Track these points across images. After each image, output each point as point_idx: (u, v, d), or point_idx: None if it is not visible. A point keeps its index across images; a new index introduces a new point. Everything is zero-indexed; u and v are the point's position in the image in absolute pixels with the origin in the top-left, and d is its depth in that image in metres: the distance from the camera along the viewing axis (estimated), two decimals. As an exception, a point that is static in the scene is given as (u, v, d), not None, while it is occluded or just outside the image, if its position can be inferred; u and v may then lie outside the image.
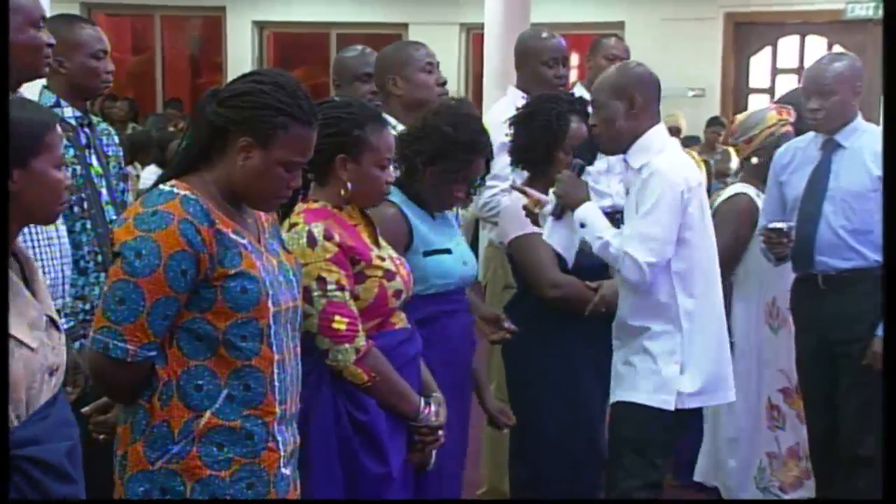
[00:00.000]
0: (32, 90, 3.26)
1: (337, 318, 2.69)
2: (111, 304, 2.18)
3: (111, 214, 3.42)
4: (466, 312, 3.34)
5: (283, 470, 2.33)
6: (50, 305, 2.17)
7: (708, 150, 9.61)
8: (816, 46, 11.01)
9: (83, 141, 3.43)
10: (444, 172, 3.21)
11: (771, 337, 4.29)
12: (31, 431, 2.00)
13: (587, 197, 3.46)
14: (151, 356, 2.22)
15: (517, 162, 3.85)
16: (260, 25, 12.86)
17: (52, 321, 2.13)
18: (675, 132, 7.86)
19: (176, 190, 2.24)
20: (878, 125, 4.22)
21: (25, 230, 2.60)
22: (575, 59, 9.00)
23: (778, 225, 3.99)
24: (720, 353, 3.47)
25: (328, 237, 2.72)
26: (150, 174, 8.17)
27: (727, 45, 11.45)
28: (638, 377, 3.38)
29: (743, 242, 4.28)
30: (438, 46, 4.53)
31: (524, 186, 3.68)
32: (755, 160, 4.38)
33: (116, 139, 3.69)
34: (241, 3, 12.62)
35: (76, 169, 3.33)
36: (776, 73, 11.53)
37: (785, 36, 11.46)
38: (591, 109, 3.59)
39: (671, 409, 3.35)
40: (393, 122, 3.42)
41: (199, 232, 2.19)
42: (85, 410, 2.49)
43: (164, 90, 13.18)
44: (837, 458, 4.06)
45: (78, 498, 2.11)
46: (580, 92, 4.40)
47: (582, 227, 3.41)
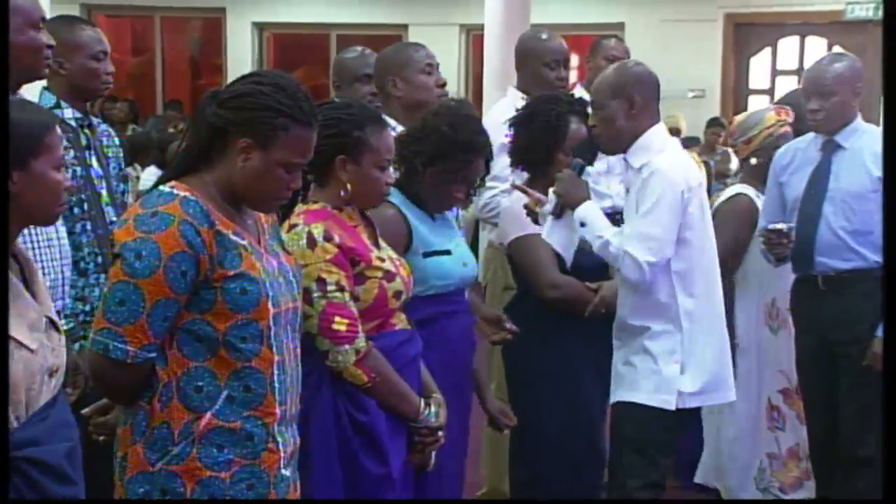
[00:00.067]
0: (32, 91, 3.26)
1: (337, 319, 2.69)
2: (111, 305, 2.18)
3: (111, 216, 3.41)
4: (466, 313, 3.34)
5: (283, 471, 2.33)
6: (50, 307, 2.17)
7: (708, 151, 9.61)
8: (816, 47, 11.01)
9: (83, 142, 3.43)
10: (443, 173, 3.21)
11: (771, 338, 4.28)
12: (30, 432, 2.00)
13: (587, 196, 3.46)
14: (151, 357, 2.22)
15: (517, 163, 3.85)
16: (260, 27, 12.86)
17: (51, 322, 2.13)
18: (674, 133, 7.83)
19: (176, 191, 2.24)
20: (877, 126, 4.22)
21: (25, 231, 2.60)
22: (575, 60, 8.99)
23: (778, 226, 3.99)
24: (721, 352, 3.47)
25: (328, 238, 2.72)
26: (150, 175, 8.17)
27: (727, 45, 11.46)
28: (638, 377, 3.38)
29: (743, 243, 4.28)
30: (438, 47, 4.53)
31: (524, 187, 3.68)
32: (754, 161, 4.38)
33: (117, 140, 3.69)
34: (241, 4, 12.62)
35: (76, 170, 3.33)
36: (776, 73, 11.54)
37: (785, 37, 11.46)
38: (590, 110, 3.59)
39: (672, 408, 3.35)
40: (393, 123, 3.42)
41: (198, 233, 2.19)
42: (85, 412, 2.49)
43: (164, 91, 13.18)
44: (837, 458, 4.06)
45: (78, 499, 2.11)
46: (580, 93, 4.40)
47: (582, 226, 3.41)
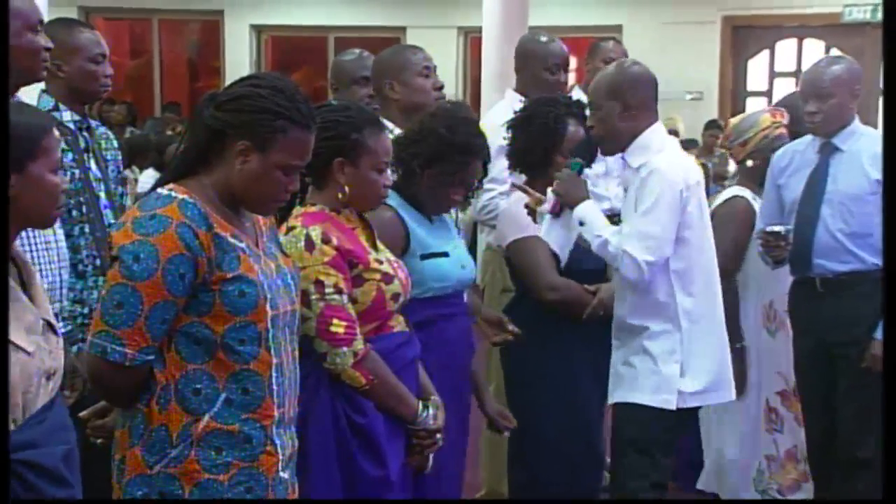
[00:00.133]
0: (30, 94, 3.26)
1: (335, 321, 2.69)
2: (109, 308, 2.18)
3: (110, 218, 3.41)
4: (464, 315, 3.34)
5: (281, 474, 2.33)
6: (47, 309, 2.17)
7: (706, 153, 9.61)
8: (814, 49, 11.02)
9: (82, 145, 3.43)
10: (440, 175, 3.20)
11: (768, 340, 4.28)
12: (27, 435, 2.00)
13: (586, 195, 3.46)
14: (149, 360, 2.21)
15: (515, 165, 3.85)
16: (258, 29, 12.86)
17: (49, 325, 2.13)
18: (672, 135, 7.82)
19: (174, 194, 2.24)
20: (875, 128, 4.23)
21: (23, 234, 2.60)
22: (573, 62, 9.00)
23: (776, 228, 3.99)
24: (720, 351, 3.48)
25: (326, 240, 2.72)
26: (148, 178, 8.17)
27: (725, 48, 11.46)
28: (638, 378, 3.39)
29: (742, 246, 4.27)
30: (436, 50, 4.54)
31: (524, 186, 3.69)
32: (750, 163, 4.37)
33: (115, 143, 3.68)
34: (239, 6, 12.62)
35: (75, 173, 3.33)
36: (774, 76, 11.55)
37: (783, 39, 11.47)
38: (587, 111, 3.59)
39: (673, 408, 3.35)
40: (390, 126, 3.42)
41: (197, 236, 2.19)
42: (83, 414, 2.48)
43: (162, 94, 13.17)
44: (835, 460, 4.06)
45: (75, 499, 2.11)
46: (578, 95, 4.40)
47: (581, 225, 3.41)
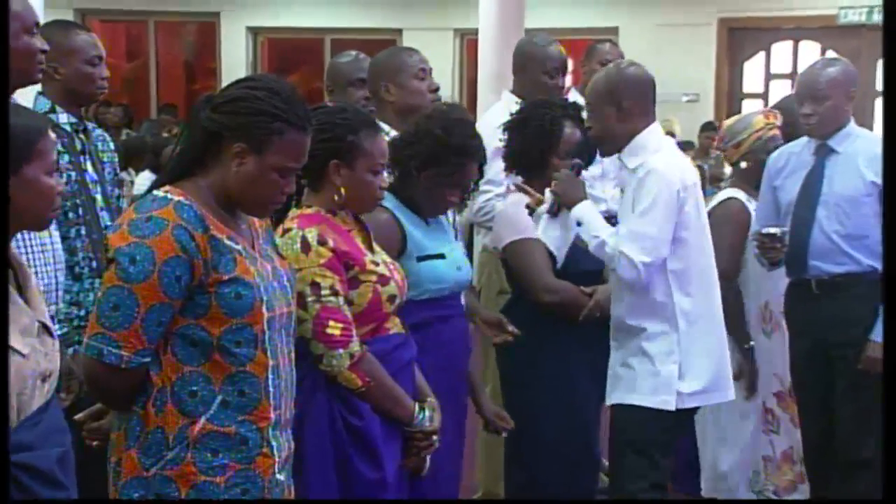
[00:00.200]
0: (27, 96, 3.26)
1: (331, 323, 2.69)
2: (105, 310, 2.18)
3: (106, 220, 3.41)
4: (461, 317, 3.34)
5: (277, 476, 2.32)
6: (43, 311, 2.16)
7: (702, 155, 9.61)
8: (810, 51, 11.02)
9: (78, 147, 3.43)
10: (437, 176, 3.21)
11: (764, 341, 4.28)
12: (22, 437, 2.00)
13: (584, 196, 3.47)
14: (146, 362, 2.21)
15: (511, 167, 3.85)
16: (254, 31, 12.86)
17: (45, 327, 2.12)
18: (669, 137, 7.84)
19: (170, 196, 2.24)
20: (871, 130, 4.24)
21: (19, 236, 2.60)
22: (569, 64, 9.01)
23: (772, 230, 3.99)
24: (719, 351, 3.48)
25: (322, 242, 2.72)
26: (144, 180, 8.16)
27: (721, 50, 11.47)
28: (637, 379, 3.39)
29: (738, 249, 4.27)
30: (433, 52, 4.54)
31: (524, 186, 3.69)
32: (744, 164, 4.38)
33: (112, 145, 3.68)
34: (235, 8, 12.62)
35: (71, 175, 3.33)
36: (770, 78, 11.55)
37: (779, 41, 11.48)
38: (584, 113, 3.60)
39: (672, 409, 3.35)
40: (386, 128, 3.42)
41: (193, 238, 2.19)
42: (78, 417, 2.47)
43: (158, 96, 13.16)
44: (833, 461, 4.06)
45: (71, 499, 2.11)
46: (575, 97, 4.40)
47: (578, 225, 3.42)
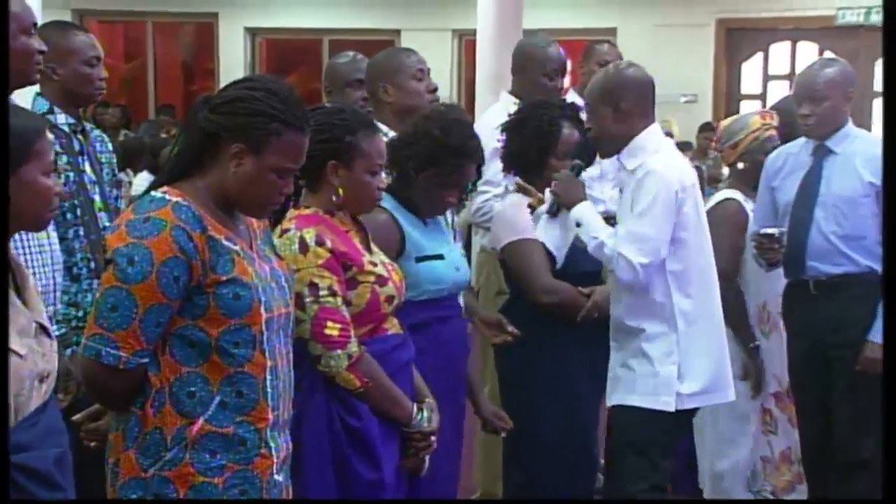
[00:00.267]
0: (25, 97, 3.26)
1: (329, 323, 2.69)
2: (103, 311, 2.18)
3: (104, 221, 3.41)
4: (459, 318, 3.34)
5: (275, 476, 2.32)
6: (41, 312, 2.16)
7: (700, 155, 9.62)
8: (808, 52, 11.02)
9: (76, 148, 3.43)
10: (435, 177, 3.21)
11: (762, 341, 4.28)
12: (19, 438, 1.99)
13: (584, 197, 3.47)
14: (144, 363, 2.21)
15: (509, 168, 3.85)
16: (252, 32, 12.85)
17: (42, 328, 2.12)
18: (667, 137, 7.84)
19: (168, 196, 2.24)
20: (869, 131, 4.24)
21: (16, 237, 2.60)
22: (567, 65, 9.02)
23: (769, 230, 3.99)
24: (718, 352, 3.48)
25: (320, 243, 2.72)
26: (142, 181, 8.15)
27: (719, 50, 11.47)
28: (637, 380, 3.39)
29: (737, 249, 4.27)
30: (431, 52, 4.53)
31: (525, 185, 3.69)
32: (741, 165, 4.38)
33: (110, 146, 3.69)
34: (233, 9, 12.61)
35: (69, 175, 3.33)
36: (768, 78, 11.55)
37: (777, 42, 11.48)
38: (583, 115, 3.61)
39: (672, 410, 3.35)
40: (384, 129, 3.42)
41: (191, 238, 2.19)
42: (76, 418, 2.47)
43: (156, 97, 13.16)
44: (831, 462, 4.06)
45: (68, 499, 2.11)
46: (573, 98, 4.40)
47: (578, 226, 3.42)
